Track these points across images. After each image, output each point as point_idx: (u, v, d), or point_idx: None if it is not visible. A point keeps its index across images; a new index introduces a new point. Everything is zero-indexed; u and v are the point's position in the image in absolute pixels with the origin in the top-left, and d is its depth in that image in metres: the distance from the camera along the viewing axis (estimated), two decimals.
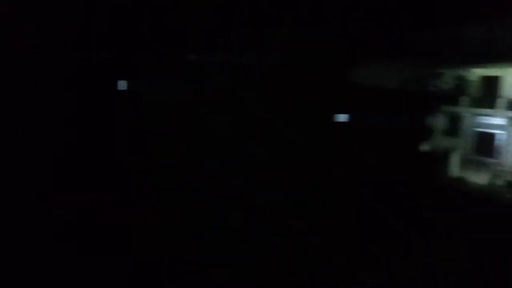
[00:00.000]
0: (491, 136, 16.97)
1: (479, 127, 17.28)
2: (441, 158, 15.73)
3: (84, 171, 12.95)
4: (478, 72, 16.96)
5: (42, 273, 9.00)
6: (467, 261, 9.99)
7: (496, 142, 16.89)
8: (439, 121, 16.69)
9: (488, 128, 17.06)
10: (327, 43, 15.27)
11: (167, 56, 14.83)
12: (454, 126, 17.22)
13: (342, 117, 15.87)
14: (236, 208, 12.00)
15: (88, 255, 9.69)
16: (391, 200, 12.89)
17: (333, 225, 11.82)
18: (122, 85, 15.18)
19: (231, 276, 9.43)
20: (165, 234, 10.85)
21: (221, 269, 9.52)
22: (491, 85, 16.78)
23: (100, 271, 9.20)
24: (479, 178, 15.33)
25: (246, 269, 9.54)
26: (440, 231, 11.79)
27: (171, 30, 14.67)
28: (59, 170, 12.71)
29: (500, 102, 16.52)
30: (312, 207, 12.78)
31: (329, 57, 15.46)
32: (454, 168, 15.81)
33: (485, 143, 16.97)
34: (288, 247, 10.48)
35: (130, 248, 10.26)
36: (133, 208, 11.69)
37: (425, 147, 16.04)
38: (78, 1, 14.10)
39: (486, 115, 17.04)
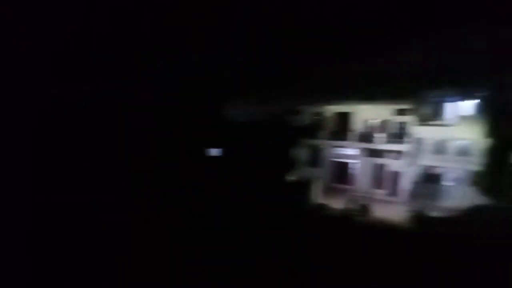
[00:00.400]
0: (346, 165, 19.32)
1: (335, 157, 19.57)
2: (304, 186, 17.24)
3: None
4: (332, 109, 19.38)
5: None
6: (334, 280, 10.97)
7: (350, 171, 19.27)
8: (301, 153, 18.43)
9: (343, 158, 19.43)
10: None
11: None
12: (314, 157, 19.20)
13: (214, 151, 16.59)
14: None
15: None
16: (260, 227, 13.63)
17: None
18: None
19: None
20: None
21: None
22: (344, 120, 19.27)
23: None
24: (337, 203, 17.13)
25: None
26: (308, 254, 12.79)
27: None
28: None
29: (352, 135, 19.03)
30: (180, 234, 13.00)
31: (201, 94, 16.19)
32: (316, 195, 17.45)
33: (341, 172, 19.23)
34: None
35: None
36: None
37: (290, 177, 17.47)
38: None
39: (341, 146, 19.42)
